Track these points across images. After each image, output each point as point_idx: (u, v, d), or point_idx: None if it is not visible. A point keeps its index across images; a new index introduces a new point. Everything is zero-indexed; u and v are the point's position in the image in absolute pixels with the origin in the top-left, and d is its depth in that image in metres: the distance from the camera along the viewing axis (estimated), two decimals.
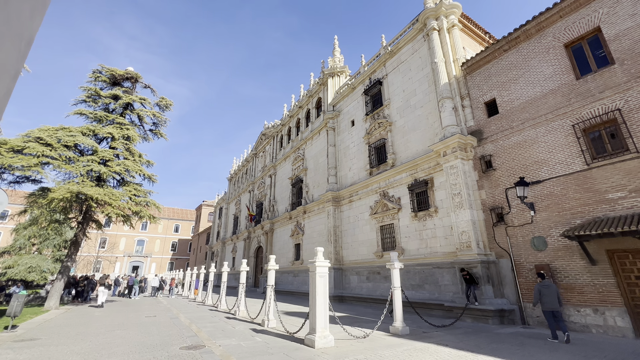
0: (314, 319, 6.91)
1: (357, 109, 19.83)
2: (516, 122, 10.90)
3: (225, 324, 10.04)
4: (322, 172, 22.40)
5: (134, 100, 17.08)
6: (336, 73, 23.55)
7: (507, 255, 10.43)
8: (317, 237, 21.29)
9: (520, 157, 10.57)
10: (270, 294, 9.75)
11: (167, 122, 18.15)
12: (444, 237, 12.65)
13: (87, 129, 14.57)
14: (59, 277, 14.34)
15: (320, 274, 7.28)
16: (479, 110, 12.36)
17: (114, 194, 13.43)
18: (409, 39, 16.34)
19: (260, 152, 36.72)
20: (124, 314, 12.36)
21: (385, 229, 15.83)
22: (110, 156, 14.56)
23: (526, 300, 9.68)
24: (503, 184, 10.93)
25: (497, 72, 11.92)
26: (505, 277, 10.40)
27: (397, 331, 8.18)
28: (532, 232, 9.86)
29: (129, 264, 61.64)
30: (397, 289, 8.60)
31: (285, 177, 28.16)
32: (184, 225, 70.60)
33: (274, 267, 10.17)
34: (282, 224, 26.84)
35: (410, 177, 14.62)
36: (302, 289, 21.56)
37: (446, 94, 13.20)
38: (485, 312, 9.80)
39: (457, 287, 11.53)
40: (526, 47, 11.10)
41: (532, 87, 10.65)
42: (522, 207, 10.23)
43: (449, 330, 8.77)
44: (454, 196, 11.89)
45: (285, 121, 30.56)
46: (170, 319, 11.13)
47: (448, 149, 12.33)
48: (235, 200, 42.53)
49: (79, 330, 8.88)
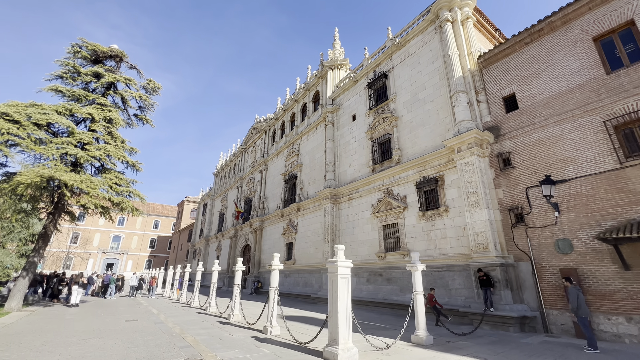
0: (336, 328, 5.90)
1: (359, 103, 18.98)
2: (538, 118, 10.33)
3: (221, 330, 8.84)
4: (318, 168, 21.40)
5: (118, 80, 15.45)
6: (336, 66, 22.62)
7: (527, 258, 9.81)
8: (312, 236, 20.26)
9: (543, 154, 10.00)
10: (273, 297, 8.66)
11: (154, 107, 16.62)
12: (455, 237, 11.96)
13: (63, 107, 12.89)
14: (23, 273, 12.57)
15: (342, 276, 6.29)
16: (496, 106, 11.76)
17: (92, 182, 11.87)
18: (419, 30, 15.65)
19: (251, 147, 35.26)
20: (100, 318, 10.87)
21: (388, 228, 15.01)
22: (89, 139, 12.95)
23: (549, 307, 9.07)
24: (523, 183, 10.33)
25: (517, 65, 11.36)
26: (525, 282, 9.77)
27: (421, 341, 7.31)
28: (556, 234, 9.27)
29: (103, 261, 58.22)
30: (420, 294, 7.73)
31: (278, 173, 26.95)
32: (164, 221, 67.58)
33: (278, 267, 9.08)
34: (272, 222, 25.61)
35: (418, 175, 13.87)
36: (294, 291, 20.45)
37: (460, 87, 12.54)
38: (506, 318, 9.11)
39: (471, 292, 10.84)
40: (550, 40, 10.57)
41: (557, 81, 10.11)
42: (545, 208, 9.64)
43: (473, 339, 7.99)
44: (468, 195, 11.20)
45: (279, 115, 29.34)
46: (155, 323, 9.78)
47: (463, 144, 11.64)
48: (221, 196, 40.76)
49: (45, 338, 7.45)
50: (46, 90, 13.54)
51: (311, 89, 24.77)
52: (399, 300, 13.27)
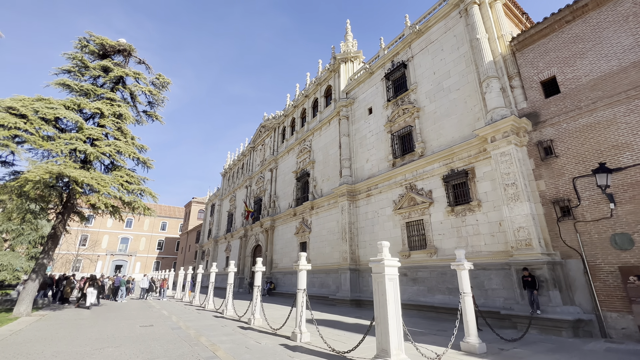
0: (386, 337, 5.13)
1: (376, 95, 18.16)
2: (585, 101, 9.43)
3: (244, 337, 8.11)
4: (332, 165, 20.62)
5: (127, 74, 14.86)
6: (350, 58, 21.82)
7: (576, 255, 8.93)
8: (328, 235, 19.49)
9: (592, 141, 9.10)
10: (302, 301, 7.90)
11: (164, 102, 16.01)
12: (489, 234, 11.09)
13: (71, 102, 12.30)
14: (32, 276, 12.00)
15: (390, 277, 5.51)
16: (533, 91, 10.87)
17: (103, 179, 11.25)
18: (441, 16, 14.79)
19: (259, 146, 34.61)
20: (114, 323, 10.22)
21: (412, 225, 14.18)
22: (98, 135, 12.34)
23: (606, 309, 8.17)
24: (569, 173, 9.44)
25: (556, 46, 10.46)
26: (574, 281, 8.88)
27: (474, 349, 6.49)
28: (612, 228, 8.37)
29: (112, 263, 58.17)
30: (468, 296, 6.91)
31: (289, 171, 26.23)
32: (171, 223, 67.45)
33: (306, 267, 8.32)
34: (284, 221, 24.89)
35: (444, 168, 13.02)
36: (309, 292, 19.63)
37: (492, 72, 11.67)
38: (559, 322, 8.23)
39: (511, 292, 9.97)
40: (596, 17, 9.66)
41: (606, 60, 9.20)
42: (597, 199, 8.74)
43: (526, 346, 7.14)
44: (506, 187, 10.33)
45: (288, 112, 28.63)
46: (172, 329, 9.10)
47: (498, 133, 10.78)
48: (229, 196, 40.20)
49: (56, 348, 6.79)
50: (54, 85, 12.97)
51: (323, 83, 24.00)
52: (426, 302, 12.43)
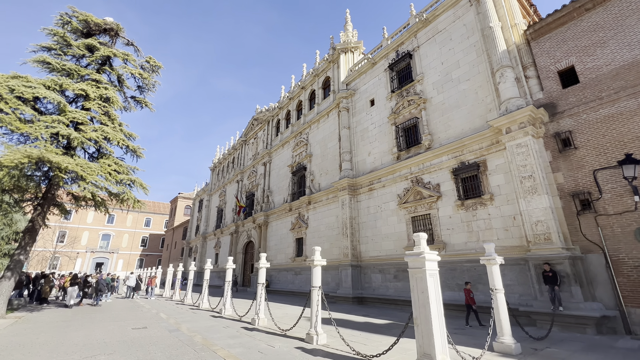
0: (429, 339, 4.54)
1: (379, 87, 17.59)
2: (606, 91, 9.15)
3: (252, 339, 7.38)
4: (331, 158, 19.97)
5: (115, 54, 13.65)
6: (350, 49, 21.15)
7: (597, 249, 8.65)
8: (326, 231, 18.86)
9: (614, 132, 8.82)
10: (317, 299, 7.24)
11: (155, 87, 14.88)
12: (503, 228, 10.74)
13: (52, 81, 11.08)
14: (7, 274, 10.79)
15: (431, 272, 4.92)
16: (549, 81, 10.54)
17: (90, 167, 10.16)
18: (450, 4, 14.33)
19: (251, 139, 33.52)
20: (102, 325, 9.24)
21: (418, 220, 13.73)
22: (83, 118, 11.19)
23: (630, 305, 7.91)
24: (589, 165, 9.15)
25: (575, 35, 10.15)
26: (596, 276, 8.60)
27: (510, 350, 6.01)
28: (636, 221, 8.11)
29: (92, 261, 55.57)
30: (501, 292, 6.42)
31: (284, 165, 25.39)
32: (156, 219, 65.08)
33: (321, 263, 7.65)
34: (279, 217, 24.09)
35: (454, 160, 12.60)
36: (306, 289, 19.01)
37: (506, 62, 11.29)
38: (583, 319, 7.92)
39: (527, 288, 9.64)
40: (618, 4, 9.38)
41: (629, 49, 8.93)
42: (619, 192, 8.48)
43: (558, 345, 6.75)
44: (522, 180, 9.97)
45: (283, 104, 27.72)
46: (170, 332, 8.24)
47: (514, 124, 10.40)
48: (219, 191, 38.92)
49: (38, 357, 5.86)
50: (32, 63, 11.67)
51: (320, 74, 23.24)
52: None
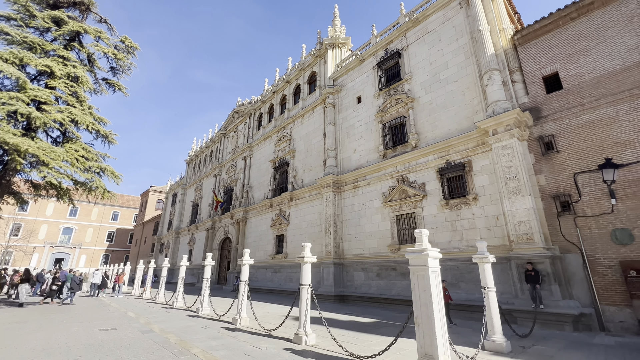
0: (432, 339, 4.35)
1: (367, 84, 17.48)
2: (588, 98, 9.52)
3: (236, 340, 6.91)
4: (315, 155, 19.64)
5: (86, 30, 12.47)
6: (338, 44, 20.89)
7: (575, 249, 8.99)
8: (308, 228, 18.53)
9: (594, 137, 9.19)
10: (306, 298, 6.90)
11: (131, 69, 13.83)
12: (486, 228, 10.95)
13: (11, 54, 9.85)
14: None
15: (433, 270, 4.75)
16: (535, 85, 10.85)
17: (54, 151, 9.14)
18: (440, 5, 14.44)
19: (232, 132, 32.41)
20: (64, 326, 8.34)
21: (402, 218, 13.76)
22: (47, 97, 10.08)
23: (604, 303, 8.28)
24: (570, 168, 9.49)
25: (560, 42, 10.50)
26: (573, 275, 8.94)
27: (501, 348, 6.01)
28: (612, 223, 8.49)
29: (51, 256, 51.66)
30: (492, 291, 6.42)
31: (265, 160, 24.73)
32: (124, 212, 61.68)
33: (311, 260, 7.31)
34: (259, 213, 23.43)
35: (440, 160, 12.71)
36: (286, 287, 18.62)
37: (494, 65, 11.50)
38: (562, 316, 8.18)
39: (508, 286, 9.87)
40: (601, 15, 9.78)
41: (610, 59, 9.34)
42: (597, 195, 8.84)
43: (543, 343, 6.88)
44: (507, 181, 10.19)
45: (266, 97, 26.98)
46: (143, 333, 7.57)
47: (500, 126, 10.61)
48: (195, 185, 37.38)
49: None
50: None
51: (307, 69, 22.81)
52: None
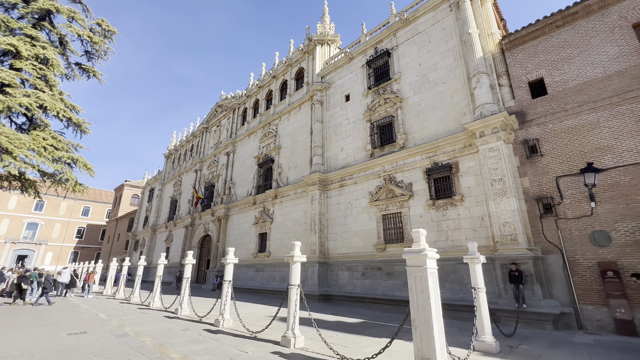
0: (430, 342, 4.23)
1: (355, 82, 17.37)
2: (571, 104, 9.83)
3: (219, 343, 6.55)
4: (301, 152, 19.34)
5: (59, 10, 11.52)
6: (327, 41, 20.65)
7: (556, 250, 9.26)
8: (292, 226, 18.23)
9: (576, 142, 9.50)
10: (295, 299, 6.64)
11: (108, 54, 12.95)
12: (471, 228, 11.11)
13: None
14: None
15: (431, 270, 4.64)
16: (521, 90, 11.10)
17: (19, 138, 8.32)
18: (431, 7, 14.54)
19: (214, 127, 31.44)
20: (27, 330, 7.62)
21: (389, 218, 13.75)
22: (11, 79, 9.18)
23: (583, 302, 8.56)
24: (553, 172, 9.76)
25: (546, 49, 10.79)
26: (554, 276, 9.20)
27: (490, 348, 6.02)
28: (591, 225, 8.80)
29: (13, 253, 48.28)
30: (483, 291, 6.44)
31: (249, 156, 24.13)
32: (96, 207, 58.64)
33: (301, 259, 7.06)
34: (241, 210, 22.84)
35: (427, 161, 12.79)
36: (269, 286, 18.24)
37: (482, 68, 11.67)
38: (543, 316, 8.39)
39: (492, 287, 10.01)
40: (585, 25, 10.12)
41: (592, 67, 9.68)
42: (578, 198, 9.15)
43: (528, 342, 6.99)
44: (493, 182, 10.36)
45: (252, 92, 26.33)
46: (117, 337, 7.02)
47: (488, 128, 10.77)
48: (174, 180, 36.01)
49: None
50: None
51: (294, 64, 22.42)
52: (403, 296, 12.08)
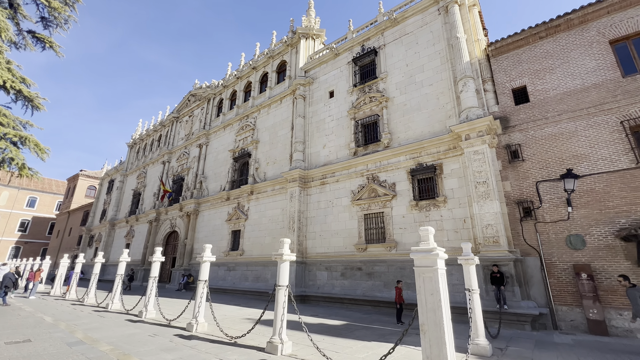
0: (440, 349, 3.91)
1: (340, 79, 17.05)
2: (551, 112, 10.22)
3: (196, 351, 5.81)
4: (281, 147, 18.66)
5: None
6: (311, 35, 20.14)
7: (534, 253, 9.54)
8: (269, 224, 17.49)
9: (555, 149, 9.88)
10: (283, 301, 6.08)
11: (69, 23, 11.47)
12: (453, 230, 11.20)
13: None
14: None
15: (442, 271, 4.34)
16: (504, 96, 11.40)
17: None
18: (419, 9, 14.60)
19: (186, 117, 29.61)
20: None
21: (371, 218, 13.56)
22: None
23: (558, 303, 8.87)
24: (533, 177, 10.08)
25: (529, 58, 11.16)
26: (532, 277, 9.46)
27: (485, 351, 5.89)
28: (567, 229, 9.16)
29: None
30: (476, 293, 6.33)
31: (224, 149, 22.93)
32: (44, 198, 53.11)
33: (290, 258, 6.51)
34: (213, 205, 21.62)
35: (412, 161, 12.77)
36: (241, 286, 17.34)
37: (469, 73, 11.85)
38: (523, 316, 8.56)
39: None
40: (566, 38, 10.59)
41: (572, 79, 10.13)
42: (556, 203, 9.49)
43: (514, 343, 7.01)
44: (477, 185, 10.50)
45: (229, 82, 25.10)
46: (68, 345, 6.00)
47: (473, 132, 10.92)
48: (138, 172, 33.46)
49: None
50: None
51: (276, 57, 21.65)
52: (383, 297, 11.92)
